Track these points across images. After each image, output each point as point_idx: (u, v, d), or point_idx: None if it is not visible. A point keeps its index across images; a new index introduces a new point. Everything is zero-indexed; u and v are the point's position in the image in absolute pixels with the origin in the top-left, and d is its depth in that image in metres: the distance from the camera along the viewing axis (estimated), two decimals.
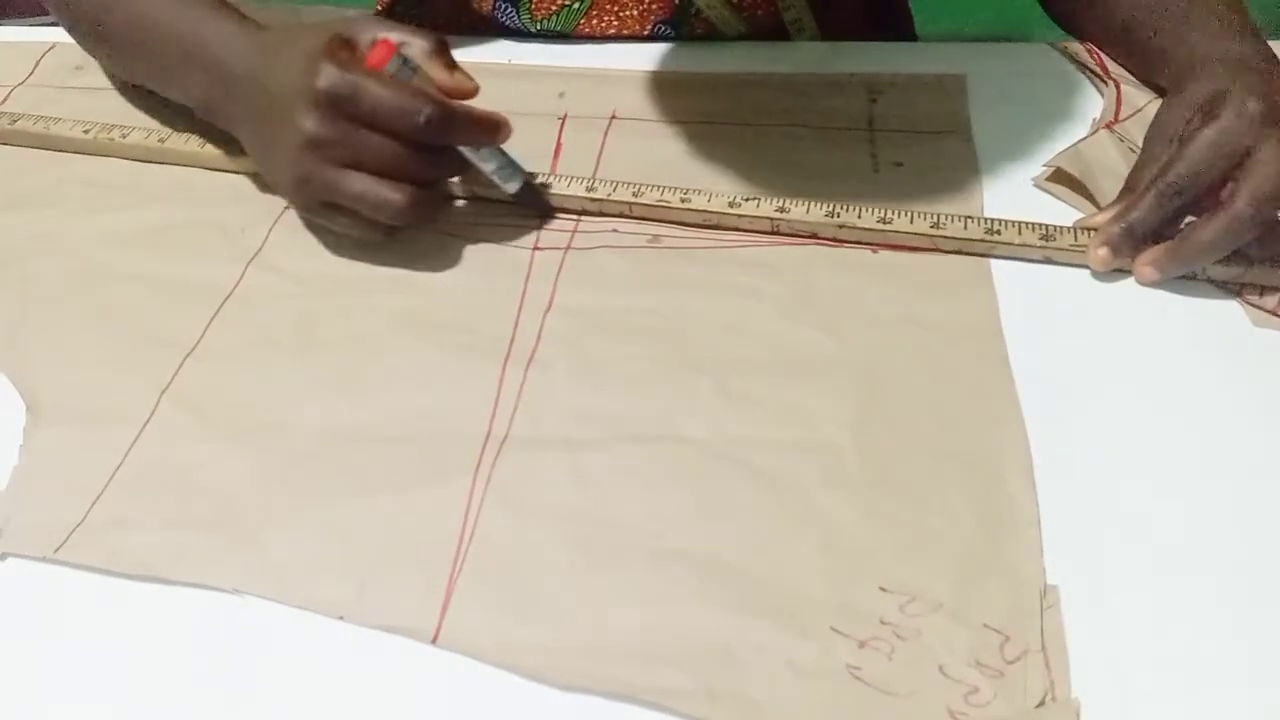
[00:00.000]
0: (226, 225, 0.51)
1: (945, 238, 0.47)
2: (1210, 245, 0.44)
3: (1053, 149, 0.52)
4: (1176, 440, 0.40)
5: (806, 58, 0.61)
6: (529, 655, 0.34)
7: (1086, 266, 0.47)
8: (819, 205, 0.48)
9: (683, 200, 0.49)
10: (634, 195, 0.50)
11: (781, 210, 0.48)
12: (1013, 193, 0.51)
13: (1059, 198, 0.50)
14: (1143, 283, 0.46)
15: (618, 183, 0.50)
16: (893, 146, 0.54)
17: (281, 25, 0.50)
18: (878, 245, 0.48)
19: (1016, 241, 0.47)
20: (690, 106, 0.57)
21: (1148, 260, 0.45)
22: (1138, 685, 0.33)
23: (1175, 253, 0.45)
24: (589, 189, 0.50)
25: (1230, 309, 0.45)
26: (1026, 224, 0.47)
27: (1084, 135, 0.52)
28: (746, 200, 0.49)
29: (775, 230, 0.49)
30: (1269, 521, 0.37)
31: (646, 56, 0.61)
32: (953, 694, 0.32)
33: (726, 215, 0.49)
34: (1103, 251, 0.45)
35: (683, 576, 0.36)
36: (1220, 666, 0.33)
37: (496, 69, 0.61)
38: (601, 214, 0.51)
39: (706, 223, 0.49)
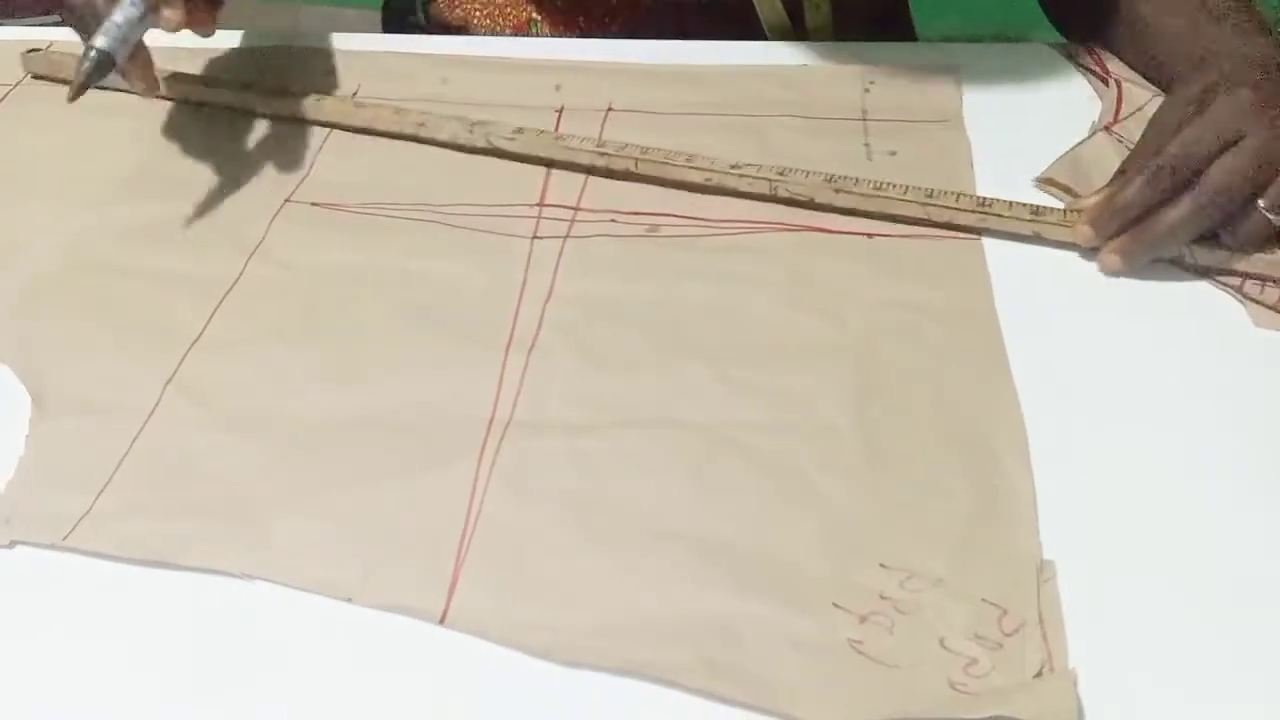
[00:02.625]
0: (228, 219, 0.51)
1: (938, 207, 0.48)
2: (1175, 227, 0.44)
3: (1049, 149, 0.52)
4: (1169, 420, 0.41)
5: (801, 51, 0.62)
6: (534, 634, 0.35)
7: (1076, 247, 0.47)
8: (817, 172, 0.50)
9: (687, 160, 0.51)
10: (641, 152, 0.51)
11: (781, 174, 0.49)
12: (1006, 185, 0.51)
13: (1056, 196, 0.50)
14: (1106, 271, 0.46)
15: (625, 144, 0.51)
16: (886, 136, 0.54)
17: None
18: (873, 232, 0.49)
19: (1007, 214, 0.47)
20: (685, 98, 0.58)
21: (1114, 247, 0.46)
22: (1133, 657, 0.34)
23: (1140, 236, 0.45)
24: (598, 145, 0.52)
25: (1227, 298, 0.45)
26: (1018, 201, 0.48)
27: (1082, 139, 0.53)
28: (747, 165, 0.50)
29: (774, 194, 0.50)
30: (1261, 499, 0.38)
31: (642, 50, 0.62)
32: (953, 666, 0.33)
33: (728, 175, 0.50)
34: (1085, 228, 0.46)
35: (684, 557, 0.36)
36: (1213, 640, 0.34)
37: (492, 62, 0.61)
38: (609, 171, 0.52)
39: (708, 183, 0.50)
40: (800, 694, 0.33)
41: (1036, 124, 0.55)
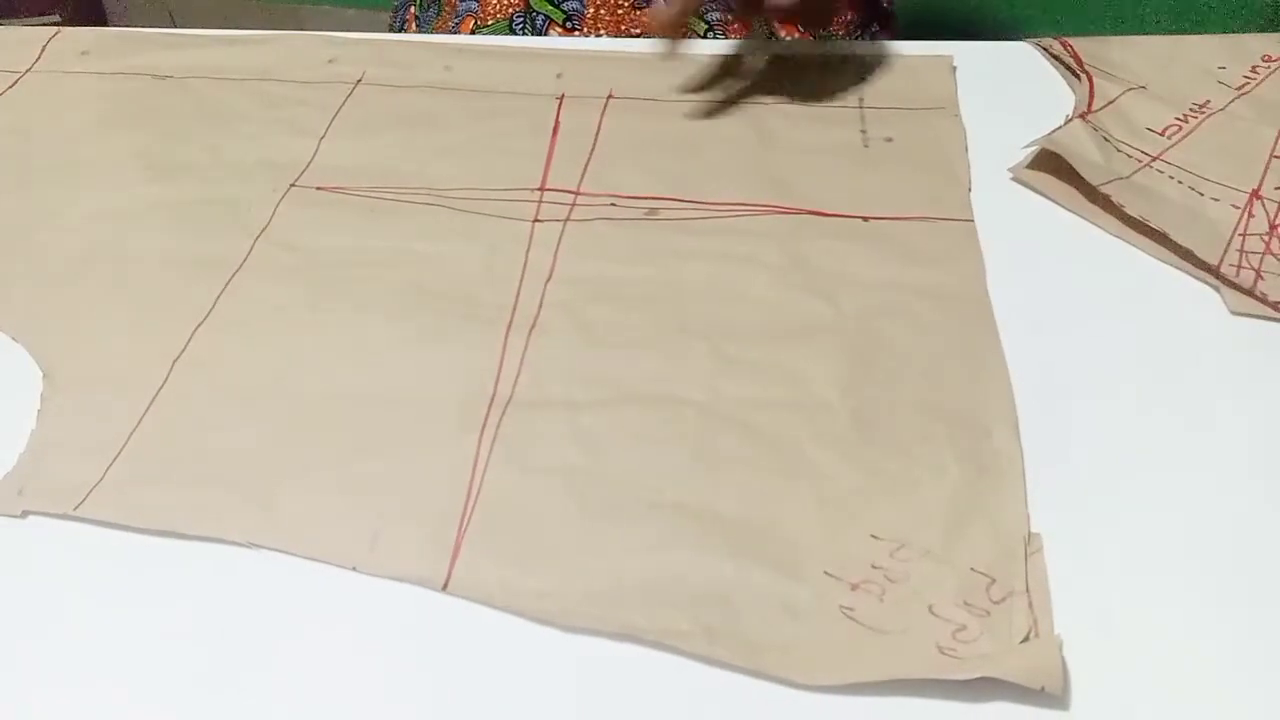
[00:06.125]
0: (234, 202, 0.52)
1: None
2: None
3: (1031, 138, 0.53)
4: (1156, 399, 0.41)
5: (798, 45, 0.63)
6: (535, 600, 0.35)
7: (1067, 229, 0.49)
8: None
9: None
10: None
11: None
12: (997, 172, 0.52)
13: (1038, 190, 0.51)
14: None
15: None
16: (882, 123, 0.55)
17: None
18: (869, 215, 0.49)
19: None
20: (685, 86, 0.58)
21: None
22: (1118, 627, 0.34)
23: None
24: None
25: (1209, 289, 0.46)
26: None
27: (1058, 126, 0.53)
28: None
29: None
30: (1245, 469, 0.39)
31: (642, 39, 0.63)
32: (942, 632, 0.34)
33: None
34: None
35: (681, 527, 0.37)
36: (1197, 611, 0.35)
37: (494, 50, 0.62)
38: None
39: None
40: (793, 657, 0.33)
41: (1018, 115, 0.55)
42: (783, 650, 0.34)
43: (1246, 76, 0.57)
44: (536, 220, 0.50)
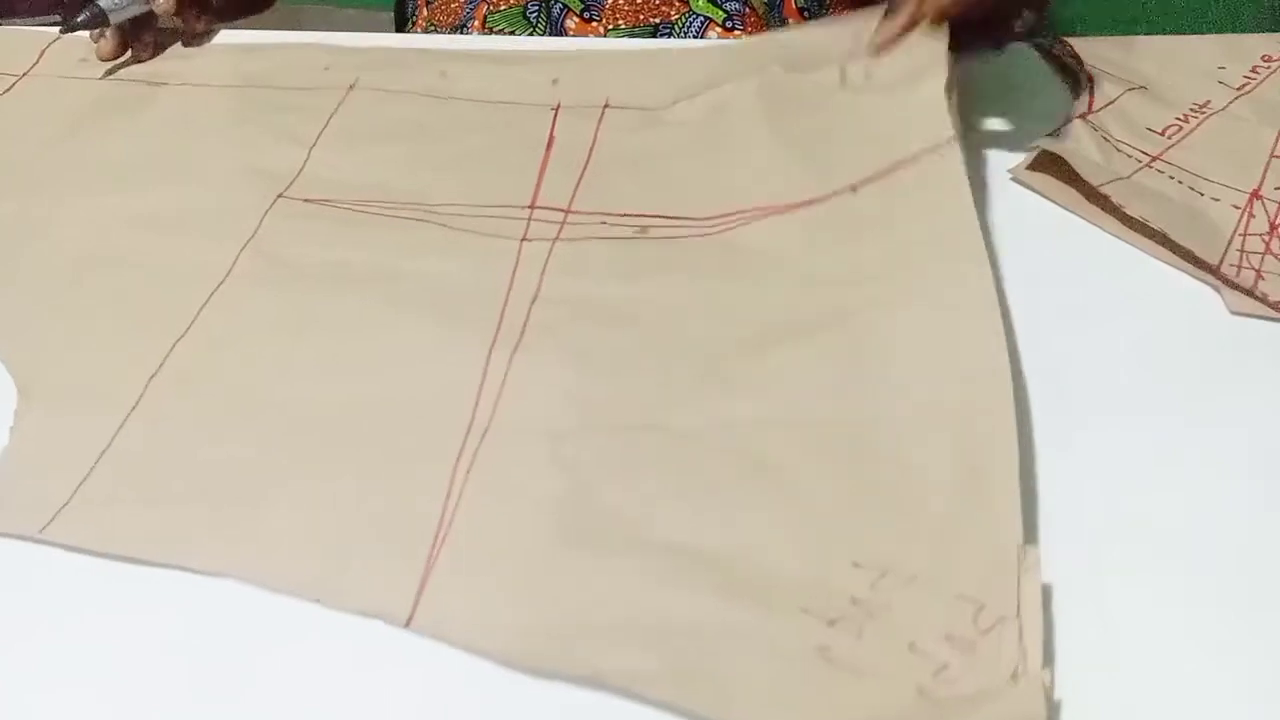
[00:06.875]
0: (221, 211, 0.51)
1: None
2: None
3: (1031, 139, 0.53)
4: (1156, 393, 0.41)
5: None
6: (500, 638, 0.34)
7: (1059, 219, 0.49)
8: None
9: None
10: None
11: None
12: (998, 174, 0.52)
13: (1038, 190, 0.51)
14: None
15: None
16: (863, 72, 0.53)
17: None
18: (857, 183, 0.48)
19: None
20: (681, 84, 0.57)
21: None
22: (1117, 625, 0.34)
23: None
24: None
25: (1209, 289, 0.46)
26: None
27: (1058, 125, 0.53)
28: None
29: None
30: (1245, 468, 0.39)
31: (641, 39, 0.63)
32: (922, 671, 0.32)
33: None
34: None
35: (658, 561, 0.36)
36: (1192, 604, 0.35)
37: (488, 54, 0.61)
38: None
39: None
40: (765, 706, 0.32)
41: (1017, 117, 0.55)
42: (755, 698, 0.32)
43: (1246, 77, 0.57)
44: (525, 239, 0.49)
